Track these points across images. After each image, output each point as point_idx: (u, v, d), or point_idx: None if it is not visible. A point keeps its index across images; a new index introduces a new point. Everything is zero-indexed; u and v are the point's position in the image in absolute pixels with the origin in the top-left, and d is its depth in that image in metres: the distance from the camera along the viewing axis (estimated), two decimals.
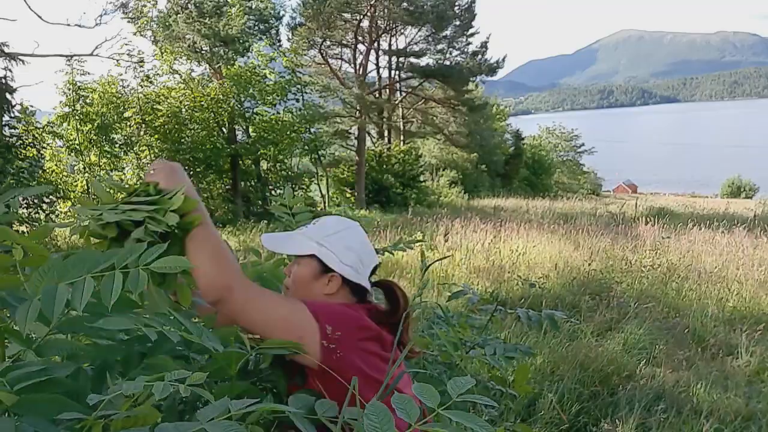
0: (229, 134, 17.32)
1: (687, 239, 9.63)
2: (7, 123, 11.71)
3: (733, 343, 5.01)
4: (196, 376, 0.75)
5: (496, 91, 62.39)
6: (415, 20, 21.31)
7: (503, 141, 35.55)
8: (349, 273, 1.26)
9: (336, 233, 1.29)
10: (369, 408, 0.73)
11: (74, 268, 0.83)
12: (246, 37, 17.61)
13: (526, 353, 1.95)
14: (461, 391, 0.77)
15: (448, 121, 27.11)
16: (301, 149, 18.99)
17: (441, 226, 11.02)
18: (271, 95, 17.68)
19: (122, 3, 15.20)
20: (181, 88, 16.25)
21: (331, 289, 1.26)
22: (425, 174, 25.29)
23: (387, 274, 7.26)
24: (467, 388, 0.78)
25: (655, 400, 3.70)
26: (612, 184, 52.25)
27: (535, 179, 35.78)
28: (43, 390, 0.75)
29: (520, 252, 8.35)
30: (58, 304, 0.76)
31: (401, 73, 25.10)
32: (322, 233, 1.29)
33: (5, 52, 11.17)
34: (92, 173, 14.66)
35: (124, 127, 15.11)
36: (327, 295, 1.26)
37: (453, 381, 0.79)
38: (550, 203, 22.22)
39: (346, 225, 1.33)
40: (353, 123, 22.61)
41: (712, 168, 78.35)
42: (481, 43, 23.60)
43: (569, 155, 43.37)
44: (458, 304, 4.83)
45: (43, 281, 0.81)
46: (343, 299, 1.27)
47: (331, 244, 1.27)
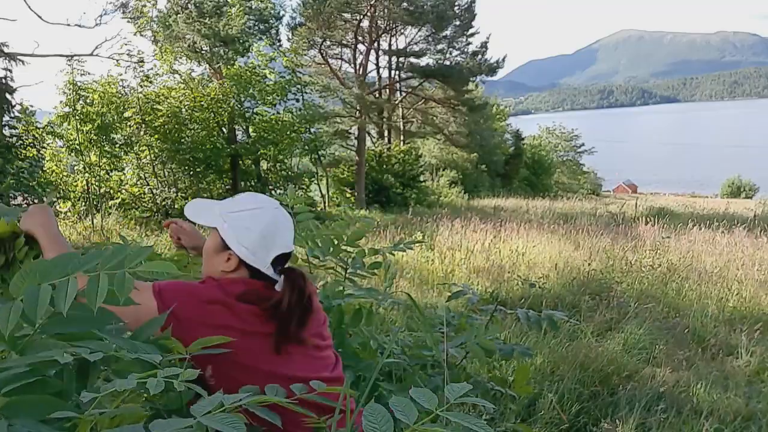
0: (229, 134, 17.32)
1: (687, 239, 9.63)
2: (7, 123, 11.70)
3: (733, 343, 5.01)
4: (189, 372, 0.74)
5: (496, 91, 62.36)
6: (415, 20, 21.30)
7: (503, 141, 35.55)
8: (245, 254, 1.23)
9: (241, 211, 1.26)
10: (368, 409, 0.72)
11: (57, 269, 0.82)
12: (246, 37, 17.61)
13: (523, 354, 1.95)
14: (458, 395, 0.77)
15: (448, 121, 27.10)
16: (301, 149, 18.98)
17: (441, 226, 11.02)
18: (271, 95, 17.67)
19: (122, 3, 15.21)
20: (181, 88, 16.24)
21: (230, 266, 1.24)
22: (425, 174, 25.29)
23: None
24: (464, 392, 0.78)
25: (655, 400, 3.69)
26: (612, 184, 52.25)
27: (535, 179, 35.77)
28: (31, 391, 0.75)
29: (520, 252, 8.34)
30: (41, 305, 0.76)
31: (401, 73, 25.10)
32: (229, 209, 1.28)
33: (5, 52, 11.17)
34: (92, 173, 14.65)
35: (124, 127, 15.10)
36: (224, 272, 1.24)
37: (450, 386, 0.79)
38: (550, 203, 22.22)
39: (257, 204, 1.28)
40: (353, 123, 22.61)
41: (712, 168, 78.32)
42: (481, 43, 23.62)
43: (569, 155, 43.36)
44: (458, 304, 4.83)
45: (25, 282, 0.80)
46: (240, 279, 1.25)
47: (232, 221, 1.25)
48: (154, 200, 15.64)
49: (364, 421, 0.71)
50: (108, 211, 14.93)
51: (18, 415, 0.69)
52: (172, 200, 15.68)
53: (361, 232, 1.96)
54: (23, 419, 0.68)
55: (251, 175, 18.22)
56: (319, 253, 1.88)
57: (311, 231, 1.93)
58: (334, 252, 1.92)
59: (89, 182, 14.55)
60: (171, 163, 15.99)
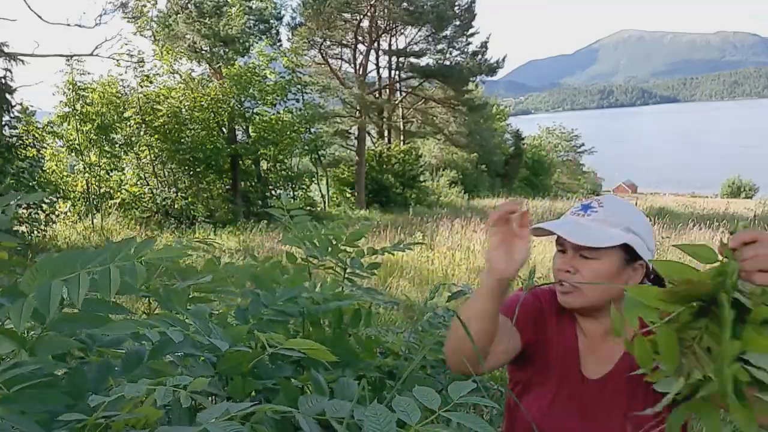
0: (229, 134, 17.32)
1: (687, 239, 9.63)
2: (7, 123, 11.70)
3: None
4: (198, 382, 0.74)
5: (496, 91, 62.42)
6: (415, 20, 21.32)
7: (503, 141, 35.55)
8: (650, 257, 1.16)
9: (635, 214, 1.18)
10: (369, 409, 0.72)
11: (66, 265, 0.82)
12: (246, 37, 17.61)
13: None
14: (462, 394, 0.77)
15: (448, 121, 27.11)
16: (301, 149, 18.98)
17: (441, 226, 11.02)
18: (271, 95, 17.67)
19: (122, 3, 15.21)
20: (181, 88, 16.24)
21: (638, 278, 1.15)
22: (425, 174, 25.28)
23: (387, 273, 7.26)
24: (468, 391, 0.77)
25: None
26: (612, 184, 52.26)
27: (535, 179, 35.77)
28: (41, 391, 0.74)
29: None
30: (53, 301, 0.75)
31: (401, 73, 25.11)
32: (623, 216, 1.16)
33: (5, 52, 11.17)
34: (92, 173, 14.66)
35: (124, 127, 15.11)
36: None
37: (454, 384, 0.79)
38: (550, 203, 22.22)
39: (624, 202, 1.21)
40: (353, 123, 22.62)
41: (712, 168, 78.38)
42: (481, 43, 23.64)
43: (569, 155, 43.38)
44: (458, 304, 4.82)
45: (36, 279, 0.80)
46: None
47: (637, 227, 1.16)
48: (154, 200, 15.64)
49: (366, 421, 0.71)
50: (108, 211, 14.93)
51: (26, 414, 0.68)
52: (172, 200, 15.68)
53: (360, 233, 1.96)
54: (32, 418, 0.68)
55: (251, 175, 18.22)
56: (317, 254, 1.88)
57: (310, 231, 1.93)
58: (332, 252, 1.92)
59: (89, 182, 14.56)
60: (171, 163, 15.99)
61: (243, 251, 10.29)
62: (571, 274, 1.11)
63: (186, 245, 1.70)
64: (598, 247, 1.08)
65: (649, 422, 0.84)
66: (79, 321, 0.90)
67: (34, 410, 0.70)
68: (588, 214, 1.13)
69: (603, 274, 1.09)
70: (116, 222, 14.48)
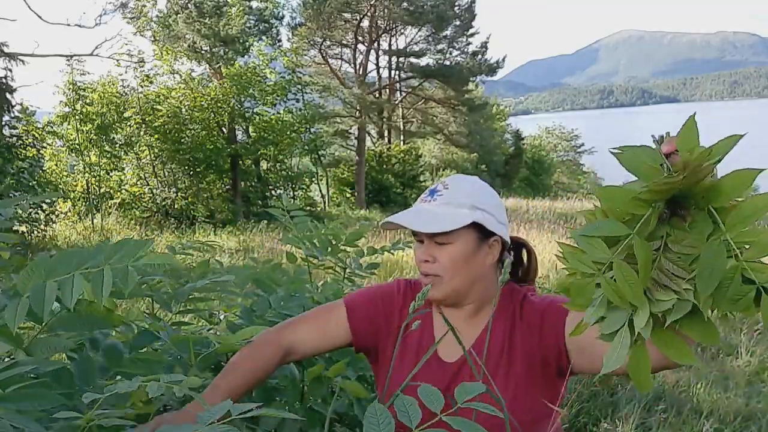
0: (229, 134, 17.32)
1: None
2: (7, 123, 11.71)
3: (733, 343, 5.01)
4: (193, 380, 0.74)
5: (496, 91, 62.44)
6: (415, 20, 21.33)
7: (503, 141, 35.52)
8: (504, 231, 1.17)
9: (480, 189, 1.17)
10: (369, 409, 0.72)
11: (62, 265, 0.82)
12: (246, 37, 17.62)
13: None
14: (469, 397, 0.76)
15: (448, 121, 27.11)
16: (301, 149, 18.99)
17: None
18: (271, 95, 17.68)
19: (122, 3, 15.23)
20: (181, 88, 16.24)
21: (495, 254, 1.16)
22: (425, 174, 25.28)
23: (387, 273, 7.26)
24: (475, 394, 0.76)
25: (655, 400, 3.69)
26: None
27: (535, 179, 35.74)
28: (36, 390, 0.74)
29: None
30: (48, 302, 0.75)
31: (401, 73, 25.12)
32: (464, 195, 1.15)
33: (5, 52, 11.18)
34: (92, 173, 14.66)
35: (124, 127, 15.12)
36: (488, 267, 1.16)
37: (461, 386, 0.78)
38: (550, 203, 22.20)
39: (469, 177, 1.19)
40: (353, 123, 22.62)
41: None
42: (481, 43, 23.67)
43: (569, 155, 43.33)
44: None
45: (31, 279, 0.80)
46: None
47: (481, 202, 1.15)
48: (154, 200, 15.64)
49: (365, 421, 0.71)
50: (108, 211, 14.94)
51: (22, 414, 0.68)
52: (172, 200, 15.69)
53: (360, 233, 1.96)
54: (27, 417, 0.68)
55: (251, 175, 18.23)
56: (317, 253, 1.88)
57: (310, 231, 1.93)
58: (332, 252, 1.92)
59: (89, 182, 14.56)
60: (171, 163, 15.99)
61: (243, 251, 10.29)
62: (430, 264, 1.09)
63: (186, 246, 1.70)
64: (449, 231, 1.05)
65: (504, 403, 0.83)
66: (78, 321, 0.90)
67: (30, 409, 0.70)
68: (434, 199, 1.10)
69: (459, 257, 1.07)
70: (116, 222, 14.48)
